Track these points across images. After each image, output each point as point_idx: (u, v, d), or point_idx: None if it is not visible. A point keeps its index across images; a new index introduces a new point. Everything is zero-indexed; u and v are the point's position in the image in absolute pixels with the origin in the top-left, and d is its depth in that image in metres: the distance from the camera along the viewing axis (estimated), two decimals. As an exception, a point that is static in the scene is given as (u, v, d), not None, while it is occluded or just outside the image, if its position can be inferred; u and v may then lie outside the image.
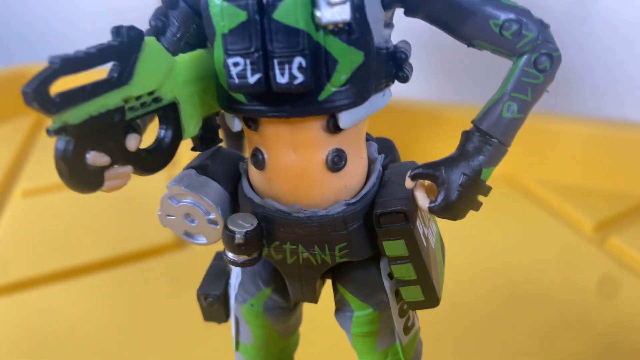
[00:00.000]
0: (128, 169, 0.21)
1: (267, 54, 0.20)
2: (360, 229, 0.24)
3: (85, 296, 0.51)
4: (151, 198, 0.66)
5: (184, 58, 0.23)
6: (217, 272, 0.28)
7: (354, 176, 0.24)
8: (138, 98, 0.21)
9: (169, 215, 0.26)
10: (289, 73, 0.20)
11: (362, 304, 0.26)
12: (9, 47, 1.08)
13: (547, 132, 0.67)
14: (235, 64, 0.21)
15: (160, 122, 0.23)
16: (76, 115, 0.19)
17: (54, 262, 0.56)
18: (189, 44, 0.25)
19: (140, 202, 0.66)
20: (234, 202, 0.26)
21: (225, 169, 0.26)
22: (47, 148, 0.82)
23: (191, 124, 0.24)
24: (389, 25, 0.23)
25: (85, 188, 0.20)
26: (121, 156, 0.21)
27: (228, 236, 0.23)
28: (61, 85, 0.19)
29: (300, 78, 0.20)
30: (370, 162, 0.25)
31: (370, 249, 0.24)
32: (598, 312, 0.47)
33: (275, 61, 0.20)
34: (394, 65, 0.23)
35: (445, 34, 0.23)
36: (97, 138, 0.20)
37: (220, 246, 0.28)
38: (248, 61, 0.20)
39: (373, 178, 0.24)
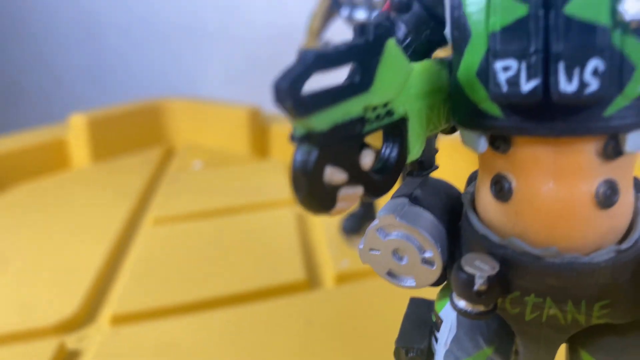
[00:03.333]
0: (359, 190, 0.18)
1: (550, 57, 0.16)
2: (627, 284, 0.19)
3: (211, 331, 0.48)
4: (282, 233, 0.64)
5: (417, 67, 0.20)
6: (417, 322, 0.24)
7: (623, 216, 0.19)
8: (374, 109, 0.18)
9: (372, 250, 0.23)
10: (579, 79, 0.16)
11: None
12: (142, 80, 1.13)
13: None
14: (506, 68, 0.17)
15: (385, 140, 0.20)
16: (323, 121, 0.16)
17: (181, 293, 0.54)
18: (416, 53, 0.21)
19: (271, 236, 0.64)
20: (450, 240, 0.22)
21: (439, 201, 0.23)
22: (177, 179, 0.83)
23: (416, 145, 0.20)
24: None
25: (320, 208, 0.17)
26: (355, 175, 0.18)
27: (464, 280, 0.19)
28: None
29: (593, 85, 0.16)
30: (635, 200, 0.20)
31: (636, 311, 0.19)
32: None
33: (561, 64, 0.16)
34: None
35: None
36: (335, 152, 0.17)
37: (413, 291, 0.24)
38: (524, 64, 0.17)
39: (643, 220, 0.19)
